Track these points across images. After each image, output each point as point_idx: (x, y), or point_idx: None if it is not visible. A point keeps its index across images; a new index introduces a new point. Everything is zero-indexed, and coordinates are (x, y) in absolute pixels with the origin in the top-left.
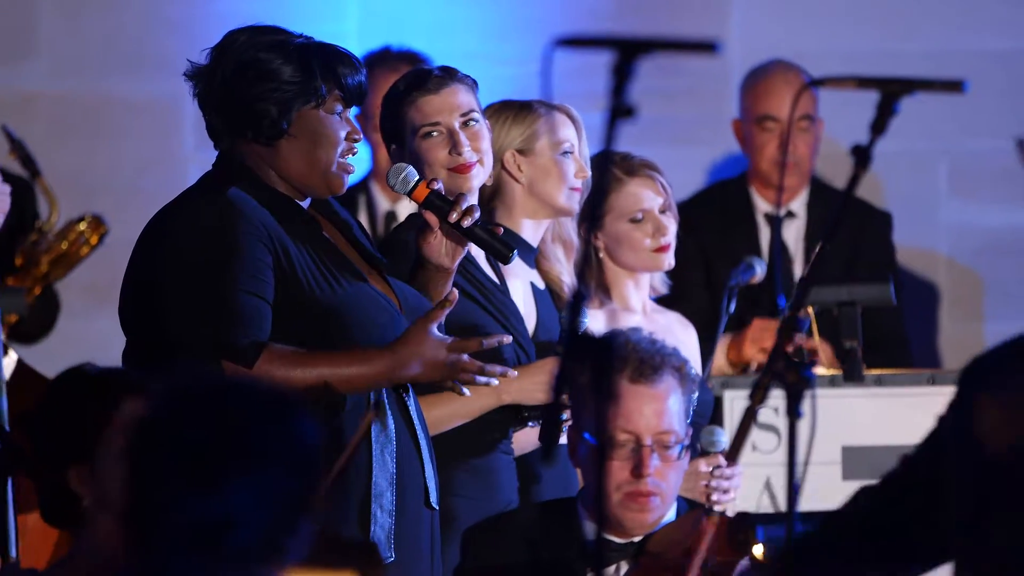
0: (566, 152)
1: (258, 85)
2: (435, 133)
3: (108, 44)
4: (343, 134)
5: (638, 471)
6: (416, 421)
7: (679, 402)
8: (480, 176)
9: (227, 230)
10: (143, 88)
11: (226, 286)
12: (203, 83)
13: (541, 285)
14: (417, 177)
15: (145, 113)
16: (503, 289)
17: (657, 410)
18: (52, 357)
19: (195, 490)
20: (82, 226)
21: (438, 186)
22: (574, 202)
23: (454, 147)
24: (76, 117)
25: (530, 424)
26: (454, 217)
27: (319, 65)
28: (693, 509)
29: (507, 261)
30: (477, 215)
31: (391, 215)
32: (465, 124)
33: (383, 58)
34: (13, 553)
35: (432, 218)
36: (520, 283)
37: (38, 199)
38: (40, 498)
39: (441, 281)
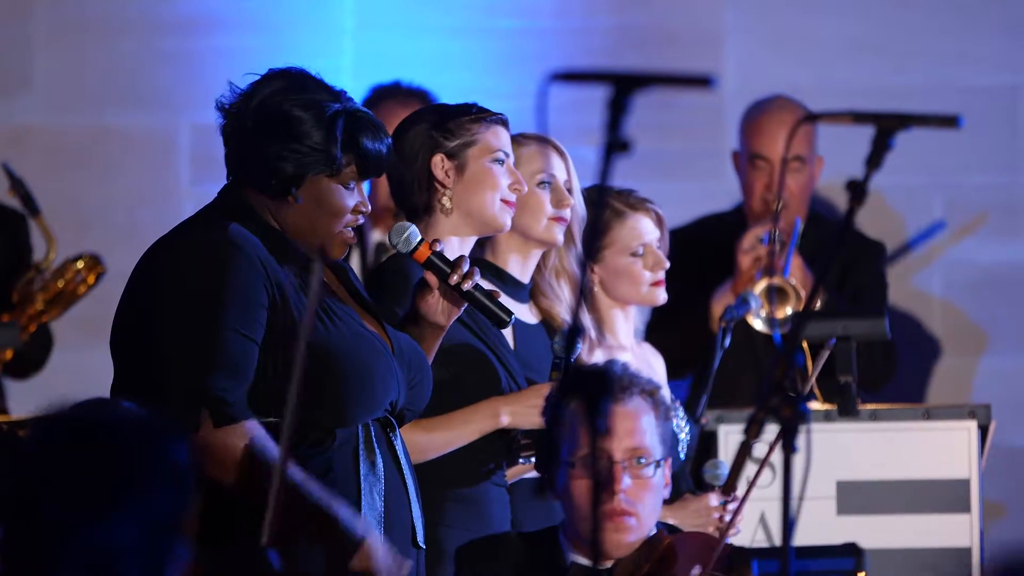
0: (543, 183)
1: (279, 143)
2: (503, 161)
3: (103, 78)
4: (350, 205)
5: (610, 488)
6: (403, 460)
7: (653, 424)
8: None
9: (223, 266)
10: (138, 122)
11: (216, 325)
12: (229, 120)
13: (532, 320)
14: (420, 238)
15: (140, 147)
16: None
17: (628, 428)
18: (45, 391)
19: (80, 523)
20: (79, 265)
21: (440, 247)
22: (555, 232)
23: (515, 183)
24: (71, 150)
25: (521, 460)
26: (454, 280)
27: (344, 135)
28: (657, 534)
29: (503, 326)
30: (477, 278)
31: (382, 246)
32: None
33: (393, 92)
34: None
35: (432, 279)
36: None
37: (35, 237)
38: None
39: (433, 337)
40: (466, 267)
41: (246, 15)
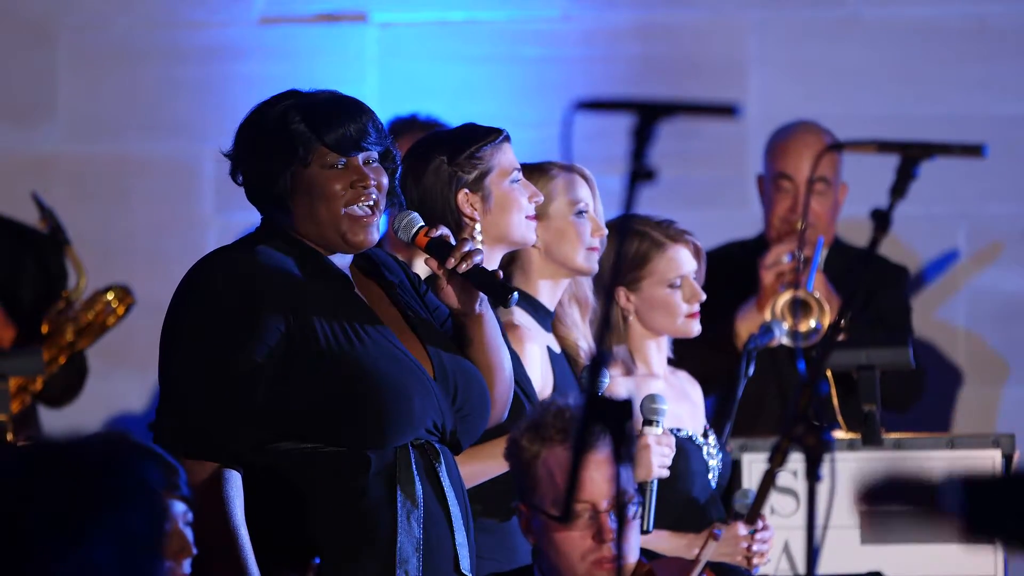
0: (581, 212)
1: (250, 159)
2: (518, 179)
3: (126, 106)
4: (341, 184)
5: (600, 537)
6: (448, 487)
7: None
8: None
9: (236, 289)
10: (162, 150)
11: (219, 349)
12: (231, 160)
13: (557, 349)
14: (420, 224)
15: (164, 175)
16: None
17: (608, 475)
18: (75, 419)
19: (56, 548)
20: (109, 296)
21: (438, 233)
22: (592, 262)
23: (532, 195)
24: (95, 179)
25: None
26: (451, 263)
27: (297, 127)
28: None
29: (508, 304)
30: (478, 259)
31: None
32: None
33: (410, 126)
34: None
35: (433, 264)
36: (538, 347)
37: (67, 266)
38: None
39: (475, 327)
40: (468, 247)
41: (270, 43)
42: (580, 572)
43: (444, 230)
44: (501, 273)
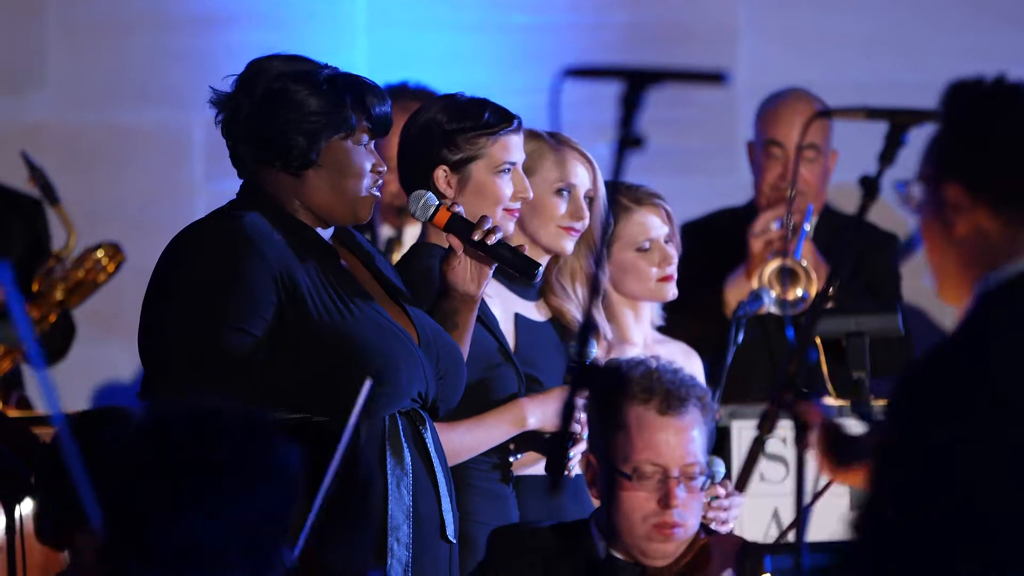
0: (561, 191)
1: (287, 115)
2: (509, 171)
3: (116, 74)
4: (369, 164)
5: (665, 502)
6: (433, 454)
7: (702, 433)
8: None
9: (223, 258)
10: (151, 118)
11: (210, 320)
12: (228, 111)
13: (538, 318)
14: (437, 202)
15: (153, 143)
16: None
17: (683, 442)
18: (61, 383)
19: (185, 514)
20: (99, 254)
21: (458, 209)
22: (562, 241)
23: (519, 191)
24: (84, 147)
25: (511, 458)
26: (477, 236)
27: (349, 95)
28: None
29: (533, 278)
30: (500, 234)
31: (391, 242)
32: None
33: (400, 93)
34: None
35: (455, 241)
36: (499, 312)
37: (54, 226)
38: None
39: (467, 311)
40: (488, 224)
41: (259, 11)
42: (639, 533)
43: (460, 207)
44: (525, 247)
